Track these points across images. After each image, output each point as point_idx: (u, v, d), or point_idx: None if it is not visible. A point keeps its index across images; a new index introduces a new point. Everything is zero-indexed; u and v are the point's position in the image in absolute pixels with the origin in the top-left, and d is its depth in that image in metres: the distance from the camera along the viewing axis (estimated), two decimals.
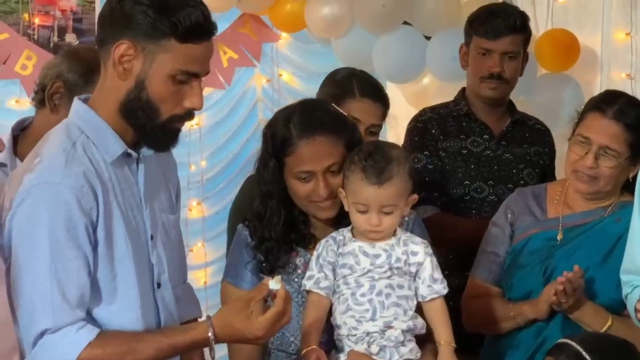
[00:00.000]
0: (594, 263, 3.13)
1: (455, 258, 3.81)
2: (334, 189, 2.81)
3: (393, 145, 2.85)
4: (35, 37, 5.78)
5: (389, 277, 2.76)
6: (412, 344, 2.78)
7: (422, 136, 3.94)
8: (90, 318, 2.49)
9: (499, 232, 3.32)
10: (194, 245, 6.40)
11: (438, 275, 2.79)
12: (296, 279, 2.91)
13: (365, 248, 2.78)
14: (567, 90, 4.98)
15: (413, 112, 4.58)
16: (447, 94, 4.33)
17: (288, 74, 6.42)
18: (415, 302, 2.79)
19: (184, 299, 2.82)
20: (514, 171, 3.94)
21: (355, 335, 2.76)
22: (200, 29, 2.48)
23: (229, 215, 3.72)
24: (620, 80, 4.93)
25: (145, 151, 2.60)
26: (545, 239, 3.21)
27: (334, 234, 2.84)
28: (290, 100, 5.67)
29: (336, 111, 2.92)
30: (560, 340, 2.70)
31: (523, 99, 4.62)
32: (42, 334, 2.42)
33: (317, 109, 2.91)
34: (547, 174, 3.99)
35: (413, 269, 2.78)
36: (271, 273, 2.86)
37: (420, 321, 2.79)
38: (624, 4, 4.98)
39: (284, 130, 2.83)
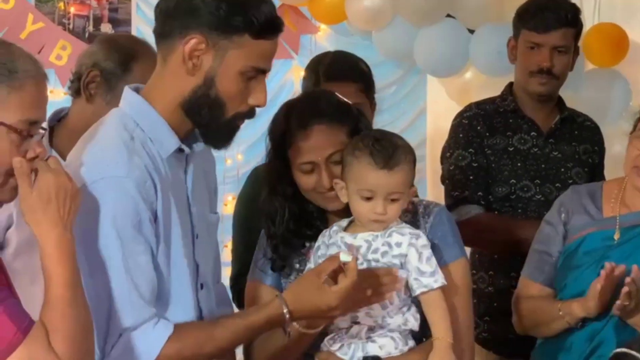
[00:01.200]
0: None
1: (500, 258, 3.73)
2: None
3: (397, 135, 2.75)
4: (71, 26, 5.76)
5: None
6: (385, 340, 2.64)
7: (467, 133, 3.82)
8: None
9: (551, 231, 3.20)
10: (228, 241, 6.32)
11: (427, 267, 2.62)
12: None
13: (346, 239, 2.67)
14: (615, 86, 4.90)
15: (455, 106, 4.51)
16: (489, 89, 4.25)
17: None
18: (402, 297, 2.64)
19: (219, 299, 2.76)
20: (562, 170, 3.82)
21: (327, 331, 2.67)
22: (273, 25, 2.46)
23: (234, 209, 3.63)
24: None
25: (196, 147, 2.54)
26: (602, 239, 3.10)
27: (335, 223, 2.74)
28: None
29: (339, 100, 2.81)
30: (617, 350, 2.61)
31: (570, 95, 4.52)
32: (120, 333, 2.37)
33: (318, 99, 2.81)
34: (595, 173, 3.87)
35: (397, 261, 2.63)
36: (281, 270, 2.80)
37: (406, 318, 2.65)
38: None
39: (285, 124, 2.74)
